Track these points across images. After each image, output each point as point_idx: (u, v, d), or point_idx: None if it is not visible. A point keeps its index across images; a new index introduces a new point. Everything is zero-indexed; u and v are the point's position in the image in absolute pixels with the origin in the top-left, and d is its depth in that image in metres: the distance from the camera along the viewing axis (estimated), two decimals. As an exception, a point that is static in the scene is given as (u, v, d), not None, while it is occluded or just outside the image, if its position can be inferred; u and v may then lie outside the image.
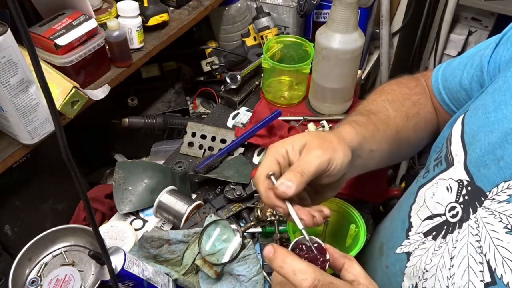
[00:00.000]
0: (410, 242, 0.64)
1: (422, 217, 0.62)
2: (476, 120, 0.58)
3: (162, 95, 1.19)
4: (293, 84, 1.15)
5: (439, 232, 0.59)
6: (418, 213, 0.64)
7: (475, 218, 0.53)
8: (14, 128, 0.73)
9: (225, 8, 1.23)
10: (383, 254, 0.70)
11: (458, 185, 0.57)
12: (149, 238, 0.76)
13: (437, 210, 0.60)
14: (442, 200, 0.59)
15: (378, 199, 0.92)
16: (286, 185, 0.53)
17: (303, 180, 0.53)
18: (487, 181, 0.53)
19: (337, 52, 0.95)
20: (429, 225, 0.61)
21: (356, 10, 0.92)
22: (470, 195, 0.55)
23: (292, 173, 0.54)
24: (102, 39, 0.86)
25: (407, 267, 0.63)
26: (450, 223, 0.57)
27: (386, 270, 0.68)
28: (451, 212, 0.58)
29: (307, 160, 0.55)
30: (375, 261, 0.73)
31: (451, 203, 0.58)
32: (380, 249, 0.72)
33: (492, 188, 0.52)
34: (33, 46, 0.32)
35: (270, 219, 0.80)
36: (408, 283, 0.62)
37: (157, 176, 0.93)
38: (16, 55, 0.66)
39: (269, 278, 0.77)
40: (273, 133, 1.02)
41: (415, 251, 0.62)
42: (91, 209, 0.45)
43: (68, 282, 0.74)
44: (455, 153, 0.59)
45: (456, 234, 0.56)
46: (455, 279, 0.54)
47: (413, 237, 0.64)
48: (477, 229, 0.53)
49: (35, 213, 0.91)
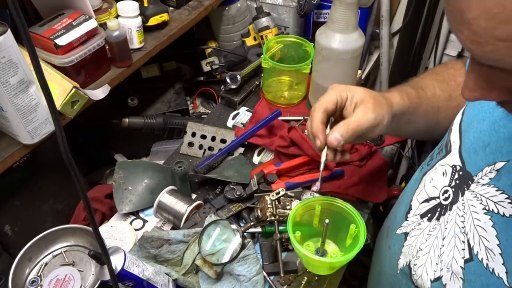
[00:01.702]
0: (408, 223, 0.68)
1: (420, 200, 0.67)
2: (473, 109, 0.62)
3: (162, 95, 1.19)
4: (293, 84, 1.15)
5: (434, 214, 0.63)
6: (418, 196, 0.68)
7: (462, 201, 0.57)
8: (14, 128, 0.73)
9: (225, 8, 1.23)
10: (388, 236, 0.74)
11: (452, 170, 0.61)
12: (149, 238, 0.76)
13: (433, 194, 0.64)
14: (438, 184, 0.63)
15: (378, 199, 0.92)
16: (336, 138, 0.63)
17: (351, 136, 0.63)
18: (475, 166, 0.57)
19: (337, 52, 0.95)
20: (425, 207, 0.65)
21: (356, 10, 0.92)
22: (460, 179, 0.59)
23: (345, 128, 0.63)
24: (102, 39, 0.86)
25: (404, 246, 0.67)
26: (443, 205, 0.61)
27: (388, 250, 0.72)
28: (444, 195, 0.62)
29: (361, 121, 0.63)
30: (382, 242, 0.78)
31: (445, 186, 0.62)
32: (387, 231, 0.76)
33: (478, 172, 0.56)
34: (33, 46, 0.32)
35: (270, 219, 0.80)
36: (403, 261, 0.67)
37: (157, 176, 0.93)
38: (16, 55, 0.66)
39: (269, 278, 0.77)
40: (273, 133, 1.02)
41: (412, 231, 0.66)
42: (91, 209, 0.45)
43: (68, 282, 0.74)
44: (453, 141, 0.63)
45: (447, 215, 0.60)
46: (443, 257, 0.59)
47: (411, 219, 0.68)
48: (463, 210, 0.57)
49: (35, 213, 0.91)
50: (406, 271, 0.66)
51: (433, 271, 0.60)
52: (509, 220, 0.50)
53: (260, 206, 0.83)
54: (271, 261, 0.80)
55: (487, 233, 0.52)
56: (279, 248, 0.78)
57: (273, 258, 0.80)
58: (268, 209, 0.80)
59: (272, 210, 0.79)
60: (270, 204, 0.80)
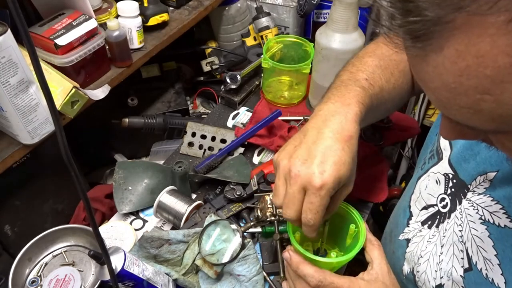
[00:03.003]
0: (410, 230, 0.68)
1: (419, 207, 0.67)
2: None
3: (162, 95, 1.19)
4: (293, 84, 1.15)
5: (433, 221, 0.63)
6: (416, 203, 0.68)
7: (460, 209, 0.57)
8: (14, 128, 0.73)
9: (225, 8, 1.23)
10: (391, 241, 0.74)
11: (445, 178, 0.61)
12: (149, 238, 0.76)
13: (430, 201, 0.64)
14: (433, 191, 0.63)
15: (378, 199, 0.92)
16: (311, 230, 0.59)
17: None
18: (467, 175, 0.57)
19: (337, 52, 0.95)
20: (425, 214, 0.65)
21: (356, 10, 0.92)
22: (455, 187, 0.59)
23: None
24: (102, 39, 0.86)
25: (406, 252, 0.68)
26: (442, 213, 0.61)
27: (392, 255, 0.72)
28: (441, 203, 0.62)
29: None
30: (386, 246, 0.77)
31: (441, 194, 0.62)
32: (390, 235, 0.76)
33: (472, 181, 0.56)
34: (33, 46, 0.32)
35: (270, 219, 0.79)
36: (407, 267, 0.67)
37: (157, 176, 0.93)
38: (16, 55, 0.66)
39: (269, 278, 0.77)
40: (273, 133, 1.02)
41: (413, 238, 0.66)
42: (91, 209, 0.45)
43: (68, 282, 0.74)
44: (444, 148, 0.63)
45: (446, 223, 0.60)
46: (442, 265, 0.59)
47: (412, 225, 0.68)
48: (460, 219, 0.57)
49: (35, 213, 0.91)
50: (411, 277, 0.66)
51: (433, 278, 0.60)
52: (504, 230, 0.50)
53: (260, 206, 0.83)
54: (271, 261, 0.80)
55: (484, 243, 0.52)
56: (279, 248, 0.78)
57: (273, 258, 0.80)
58: (268, 209, 0.80)
59: (272, 210, 0.79)
60: (270, 204, 0.80)
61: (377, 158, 0.98)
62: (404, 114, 1.16)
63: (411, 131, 1.08)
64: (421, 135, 1.70)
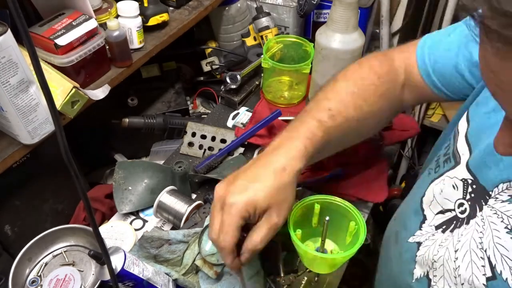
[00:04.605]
0: (422, 233, 0.66)
1: (434, 211, 0.65)
2: (479, 119, 0.59)
3: (162, 95, 1.19)
4: (293, 84, 1.15)
5: (449, 226, 0.61)
6: (430, 207, 0.66)
7: (481, 216, 0.55)
8: (14, 128, 0.73)
9: (225, 8, 1.23)
10: (398, 242, 0.73)
11: (463, 183, 0.59)
12: (149, 238, 0.76)
13: (447, 206, 0.62)
14: (450, 196, 0.61)
15: (378, 199, 0.92)
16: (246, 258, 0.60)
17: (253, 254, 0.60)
18: (489, 181, 0.55)
19: (337, 52, 0.95)
20: (441, 219, 0.63)
21: (356, 10, 0.92)
22: (475, 193, 0.57)
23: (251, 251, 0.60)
24: (102, 39, 0.86)
25: (417, 255, 0.66)
26: (459, 218, 0.59)
27: (399, 257, 0.71)
28: (460, 208, 0.60)
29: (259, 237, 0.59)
30: (391, 248, 0.76)
31: (459, 199, 0.60)
32: (396, 236, 0.74)
33: (494, 188, 0.54)
34: (33, 46, 0.32)
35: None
36: (419, 271, 0.65)
37: (157, 176, 0.93)
38: (16, 55, 0.66)
39: (269, 278, 0.77)
40: (273, 133, 1.02)
41: (425, 242, 0.65)
42: (91, 209, 0.45)
43: (68, 282, 0.74)
44: (462, 152, 0.61)
45: (462, 229, 0.58)
46: (460, 271, 0.56)
47: (425, 229, 0.66)
48: (482, 226, 0.55)
49: (35, 213, 0.91)
50: (425, 281, 0.64)
51: (454, 284, 0.58)
52: None
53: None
54: (271, 261, 0.80)
55: (510, 252, 0.50)
56: (279, 248, 0.78)
57: (273, 258, 0.80)
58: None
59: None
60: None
61: (377, 158, 0.98)
62: (404, 114, 1.16)
63: (411, 131, 1.08)
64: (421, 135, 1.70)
